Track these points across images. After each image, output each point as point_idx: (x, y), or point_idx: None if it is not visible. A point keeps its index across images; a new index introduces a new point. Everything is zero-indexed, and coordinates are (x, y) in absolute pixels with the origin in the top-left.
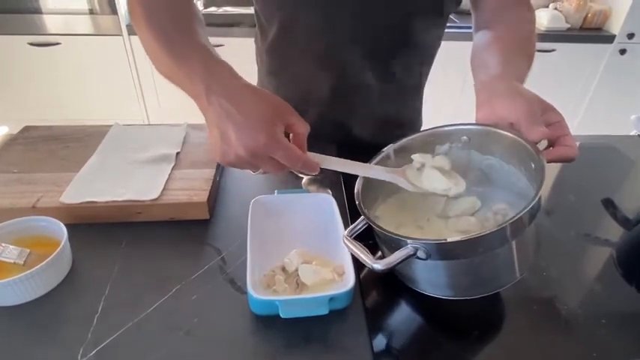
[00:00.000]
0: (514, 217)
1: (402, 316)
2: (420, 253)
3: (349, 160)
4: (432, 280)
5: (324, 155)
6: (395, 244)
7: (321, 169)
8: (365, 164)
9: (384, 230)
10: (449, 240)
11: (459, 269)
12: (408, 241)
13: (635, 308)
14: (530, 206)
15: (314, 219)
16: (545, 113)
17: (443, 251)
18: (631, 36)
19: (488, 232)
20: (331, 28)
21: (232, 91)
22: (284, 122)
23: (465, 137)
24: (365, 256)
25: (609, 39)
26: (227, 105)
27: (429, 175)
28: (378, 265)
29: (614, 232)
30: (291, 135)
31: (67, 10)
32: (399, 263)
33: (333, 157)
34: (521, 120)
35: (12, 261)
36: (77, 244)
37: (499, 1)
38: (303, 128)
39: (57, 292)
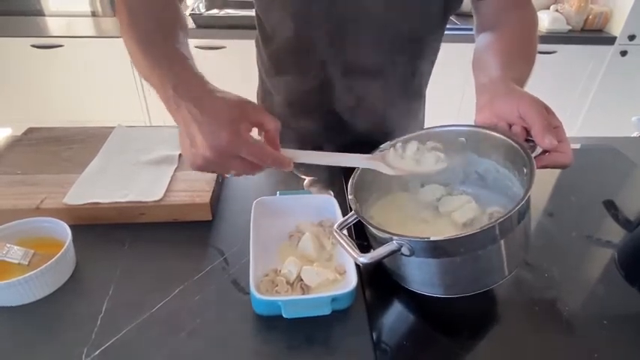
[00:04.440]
0: (499, 219)
1: (405, 316)
2: (404, 250)
3: (325, 152)
4: (421, 278)
5: (298, 150)
6: (382, 239)
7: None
8: (341, 154)
9: (372, 225)
10: (432, 239)
11: (446, 267)
12: (394, 237)
13: (636, 309)
14: (515, 210)
15: (316, 220)
16: None
17: (427, 249)
18: (632, 38)
19: (472, 232)
20: (331, 29)
21: (198, 94)
22: (251, 120)
23: (462, 139)
24: (351, 250)
25: (610, 41)
26: (192, 108)
27: (416, 157)
28: (364, 259)
29: (616, 233)
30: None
31: (70, 12)
32: (383, 258)
33: (309, 151)
34: (536, 123)
35: (16, 261)
36: (81, 245)
37: (500, 2)
38: (272, 124)
39: (61, 293)
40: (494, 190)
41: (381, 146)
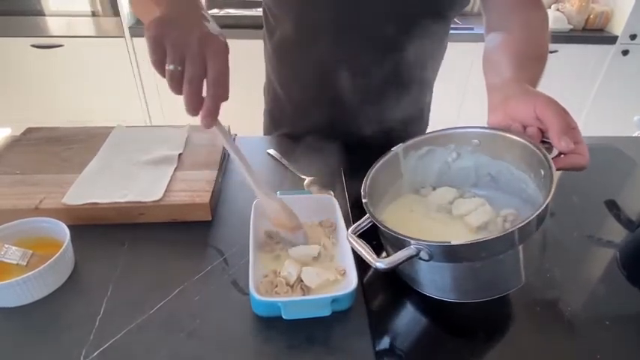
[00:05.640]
0: (520, 223)
1: (405, 317)
2: (423, 254)
3: (241, 153)
4: (436, 282)
5: (227, 132)
6: (399, 244)
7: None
8: (251, 170)
9: (389, 230)
10: (453, 243)
11: (463, 272)
12: (412, 241)
13: (638, 310)
14: (537, 213)
15: (316, 220)
16: None
17: (446, 253)
18: (633, 37)
19: (493, 236)
20: (341, 27)
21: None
22: None
23: (475, 140)
24: (368, 255)
25: (612, 40)
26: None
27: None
28: (381, 264)
29: (618, 233)
30: None
31: (70, 12)
32: (401, 263)
33: (231, 140)
34: (554, 124)
35: (15, 262)
36: (80, 246)
37: (510, 1)
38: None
39: (59, 294)
40: (508, 192)
41: (393, 148)
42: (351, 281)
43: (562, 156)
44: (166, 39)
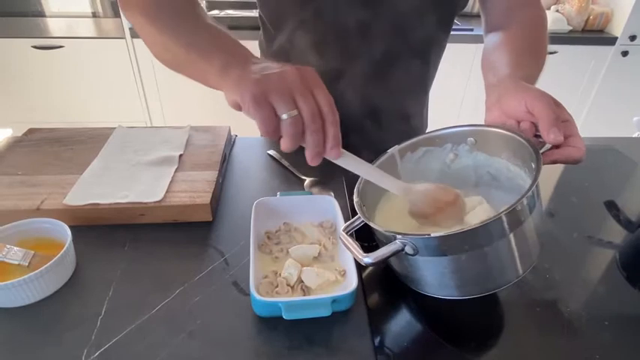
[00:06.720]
0: (495, 216)
1: (405, 317)
2: (408, 249)
3: (365, 162)
4: (432, 280)
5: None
6: (386, 240)
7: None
8: (382, 173)
9: (375, 226)
10: (433, 235)
11: (452, 265)
12: (397, 236)
13: (638, 310)
14: (518, 201)
15: (316, 220)
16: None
17: (429, 246)
18: (633, 38)
19: (472, 226)
20: (339, 31)
21: (256, 61)
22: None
23: (471, 139)
24: (356, 251)
25: (611, 41)
26: (263, 64)
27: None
28: (368, 259)
29: (617, 234)
30: None
31: (71, 13)
32: (387, 257)
33: (358, 159)
34: (543, 117)
35: (16, 262)
36: (81, 246)
37: (509, 1)
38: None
39: (61, 294)
40: (508, 190)
41: (388, 150)
42: (352, 281)
43: (557, 149)
44: (270, 92)
